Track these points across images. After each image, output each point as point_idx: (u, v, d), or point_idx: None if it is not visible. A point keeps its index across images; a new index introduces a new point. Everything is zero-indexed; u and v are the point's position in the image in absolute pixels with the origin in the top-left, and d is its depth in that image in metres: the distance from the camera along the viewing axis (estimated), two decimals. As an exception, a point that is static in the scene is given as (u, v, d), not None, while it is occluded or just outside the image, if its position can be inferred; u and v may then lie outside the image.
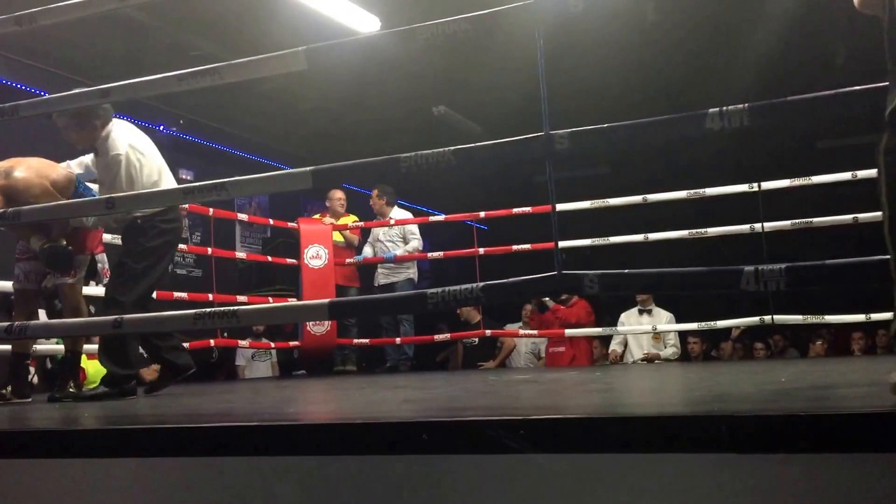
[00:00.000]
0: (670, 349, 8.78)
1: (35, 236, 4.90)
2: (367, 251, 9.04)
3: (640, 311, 8.83)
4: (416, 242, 8.88)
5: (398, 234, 8.97)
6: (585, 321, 8.73)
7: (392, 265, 8.90)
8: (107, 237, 5.78)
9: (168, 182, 4.92)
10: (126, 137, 4.83)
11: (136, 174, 4.75)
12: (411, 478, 1.96)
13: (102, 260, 5.56)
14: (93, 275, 5.66)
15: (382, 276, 8.98)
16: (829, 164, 7.17)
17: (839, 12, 6.15)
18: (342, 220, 9.03)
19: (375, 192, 9.02)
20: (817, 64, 8.38)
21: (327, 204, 9.12)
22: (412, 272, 8.97)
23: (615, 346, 9.01)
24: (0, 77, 7.99)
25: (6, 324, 3.64)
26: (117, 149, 4.73)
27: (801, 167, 7.27)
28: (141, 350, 5.37)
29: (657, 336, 8.75)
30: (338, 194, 9.07)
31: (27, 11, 3.75)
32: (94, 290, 7.24)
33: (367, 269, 9.26)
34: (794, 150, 10.22)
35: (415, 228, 8.96)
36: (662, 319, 8.63)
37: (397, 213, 9.06)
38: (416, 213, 11.71)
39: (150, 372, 8.38)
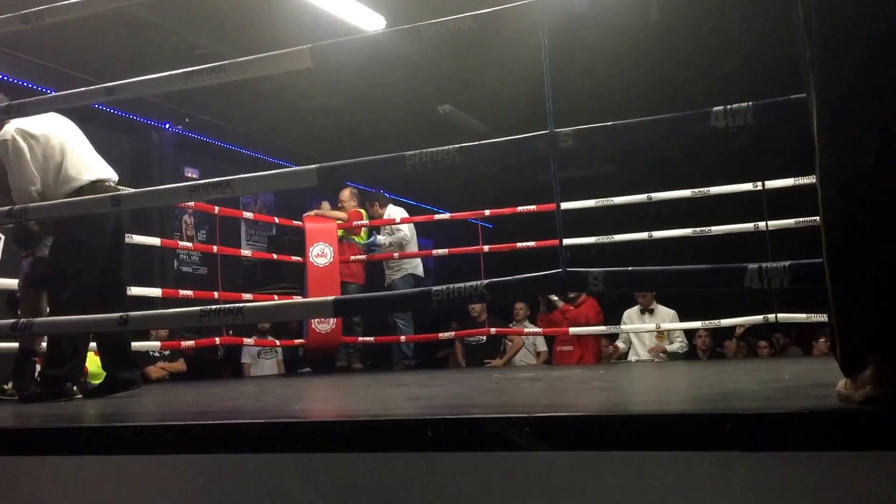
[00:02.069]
0: (677, 343, 8.77)
1: None
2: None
3: (642, 311, 8.82)
4: (399, 234, 8.92)
5: (389, 232, 9.04)
6: (595, 321, 8.72)
7: (392, 263, 8.93)
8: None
9: (75, 160, 4.82)
10: (16, 123, 4.74)
11: (25, 157, 4.67)
12: (415, 475, 1.95)
13: None
14: None
15: (387, 276, 9.02)
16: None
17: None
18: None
19: (367, 203, 9.15)
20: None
21: (340, 205, 9.13)
22: (410, 268, 8.96)
23: (620, 343, 9.01)
24: (6, 75, 8.01)
25: (11, 321, 3.65)
26: (3, 136, 4.69)
27: (806, 165, 7.23)
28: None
29: (661, 335, 8.74)
30: (345, 194, 9.11)
31: (34, 9, 3.75)
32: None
33: (371, 267, 9.30)
34: (798, 148, 10.18)
35: (402, 223, 8.99)
36: (665, 318, 8.61)
37: (393, 211, 9.07)
38: (420, 212, 11.74)
39: (157, 370, 8.44)
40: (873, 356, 1.82)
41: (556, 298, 8.96)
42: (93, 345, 5.34)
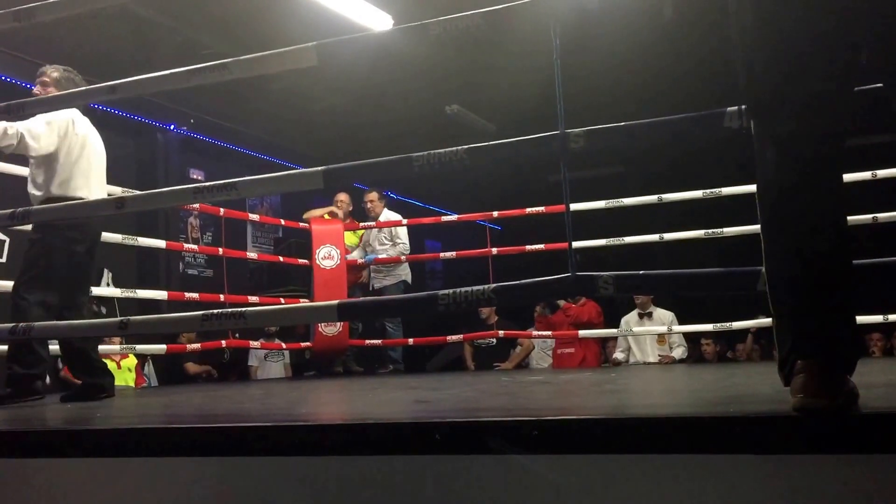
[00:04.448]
0: (678, 349, 8.66)
1: None
2: (357, 254, 8.95)
3: (641, 315, 8.68)
4: (402, 246, 8.79)
5: (387, 237, 8.92)
6: (597, 320, 8.64)
7: (384, 268, 8.86)
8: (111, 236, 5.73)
9: (83, 174, 4.84)
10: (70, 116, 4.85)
11: (57, 130, 4.73)
12: (424, 478, 1.95)
13: None
14: None
15: (375, 280, 8.92)
16: (848, 163, 7.07)
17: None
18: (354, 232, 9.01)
19: (376, 194, 8.95)
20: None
21: (336, 205, 9.03)
22: (404, 275, 8.87)
23: (618, 354, 8.85)
24: (7, 75, 7.99)
25: (10, 324, 3.61)
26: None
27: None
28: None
29: (662, 338, 8.63)
30: (344, 197, 9.04)
31: (25, 7, 3.71)
32: (104, 290, 7.24)
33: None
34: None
35: (402, 231, 8.89)
36: (664, 320, 8.50)
37: (387, 214, 9.01)
38: (428, 213, 11.69)
39: (194, 366, 8.49)
40: (801, 363, 1.85)
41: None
42: (102, 348, 5.30)
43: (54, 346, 5.22)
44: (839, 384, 1.81)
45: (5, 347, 5.10)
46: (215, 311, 2.95)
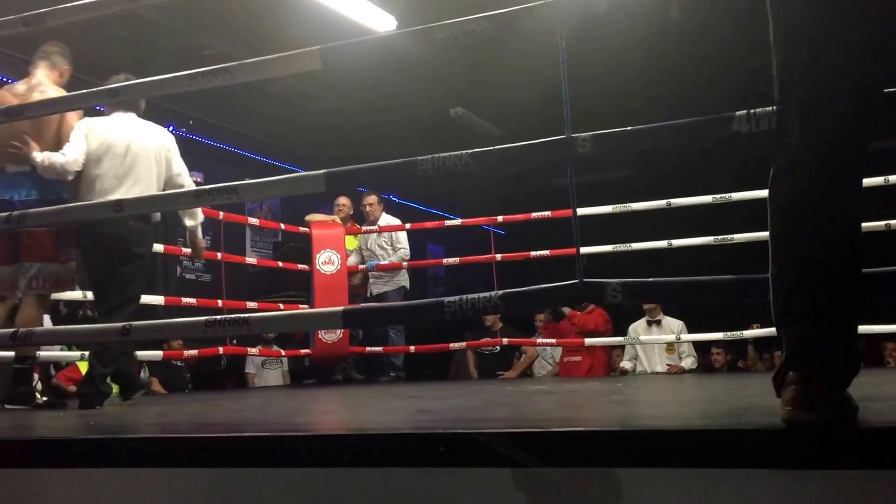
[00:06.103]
0: (688, 359, 8.61)
1: None
2: (353, 259, 8.87)
3: (649, 323, 8.63)
4: (403, 251, 8.73)
5: (387, 242, 8.84)
6: (604, 328, 8.58)
7: (384, 274, 8.79)
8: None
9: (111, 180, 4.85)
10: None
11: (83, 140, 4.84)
12: (427, 491, 1.91)
13: None
14: None
15: (374, 286, 8.84)
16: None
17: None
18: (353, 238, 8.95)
19: (375, 198, 8.88)
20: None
21: (337, 209, 8.96)
22: (404, 280, 8.81)
23: (626, 363, 8.81)
24: (8, 76, 7.94)
25: (10, 330, 3.57)
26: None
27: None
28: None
29: (671, 347, 8.58)
30: (344, 200, 8.98)
31: (35, 12, 3.70)
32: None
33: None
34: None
35: (402, 236, 8.82)
36: (674, 329, 8.44)
37: (386, 218, 8.96)
38: (431, 217, 11.65)
39: (155, 383, 8.35)
40: (793, 375, 1.82)
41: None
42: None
43: (49, 353, 5.17)
44: (830, 397, 1.78)
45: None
46: (218, 317, 2.93)
